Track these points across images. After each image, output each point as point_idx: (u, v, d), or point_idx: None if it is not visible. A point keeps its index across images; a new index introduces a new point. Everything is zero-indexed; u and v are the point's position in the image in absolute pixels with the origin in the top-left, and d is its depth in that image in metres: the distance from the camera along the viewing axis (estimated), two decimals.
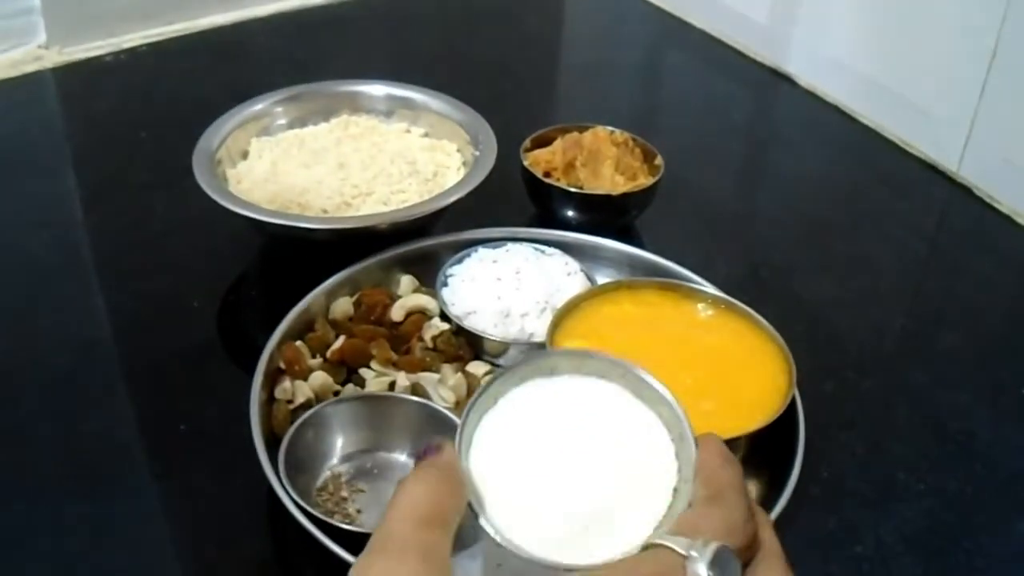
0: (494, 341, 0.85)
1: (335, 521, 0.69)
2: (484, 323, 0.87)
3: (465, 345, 0.86)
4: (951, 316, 1.03)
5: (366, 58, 1.41)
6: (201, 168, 0.96)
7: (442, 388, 0.81)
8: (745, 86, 1.44)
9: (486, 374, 0.83)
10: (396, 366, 0.83)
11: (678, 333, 0.86)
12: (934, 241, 1.16)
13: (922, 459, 0.84)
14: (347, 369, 0.83)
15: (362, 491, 0.75)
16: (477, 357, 0.86)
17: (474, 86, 1.27)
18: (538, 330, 0.86)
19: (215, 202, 0.92)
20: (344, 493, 0.74)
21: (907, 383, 0.93)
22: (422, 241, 0.94)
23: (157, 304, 0.96)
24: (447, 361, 0.84)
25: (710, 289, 0.89)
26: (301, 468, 0.73)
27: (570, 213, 1.02)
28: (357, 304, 0.89)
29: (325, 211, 0.96)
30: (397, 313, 0.88)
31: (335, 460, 0.77)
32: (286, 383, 0.80)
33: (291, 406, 0.78)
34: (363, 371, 0.83)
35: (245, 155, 1.05)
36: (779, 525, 0.57)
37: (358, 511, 0.73)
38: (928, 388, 0.92)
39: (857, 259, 1.09)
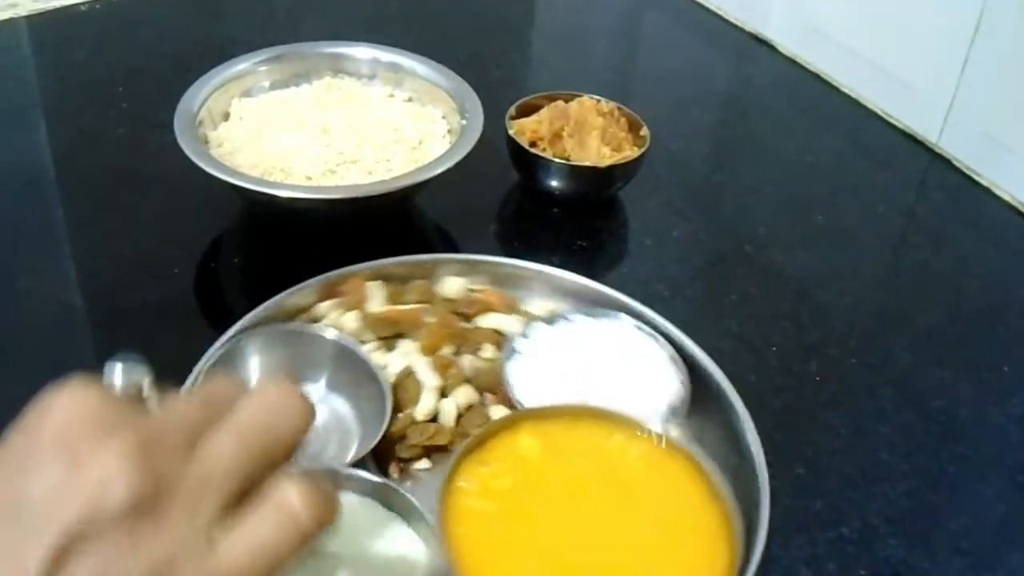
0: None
1: None
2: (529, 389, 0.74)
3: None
4: (933, 291, 1.03)
5: (343, 16, 1.39)
6: (183, 130, 0.93)
7: (429, 393, 0.74)
8: (725, 52, 1.44)
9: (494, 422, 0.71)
10: (432, 357, 0.77)
11: (582, 488, 0.66)
12: (914, 214, 1.16)
13: (906, 439, 0.85)
14: (391, 330, 0.79)
15: None
16: (511, 405, 0.73)
17: (450, 47, 1.25)
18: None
19: (194, 162, 0.90)
20: None
21: (890, 360, 0.93)
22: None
23: (134, 267, 0.94)
24: (480, 389, 0.75)
25: (635, 416, 0.69)
26: None
27: (555, 184, 1.02)
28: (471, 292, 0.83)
29: (309, 177, 0.95)
30: (484, 321, 0.81)
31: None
32: (323, 305, 0.79)
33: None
34: (400, 341, 0.79)
35: (226, 116, 1.02)
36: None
37: None
38: (911, 366, 0.92)
39: (839, 232, 1.09)
